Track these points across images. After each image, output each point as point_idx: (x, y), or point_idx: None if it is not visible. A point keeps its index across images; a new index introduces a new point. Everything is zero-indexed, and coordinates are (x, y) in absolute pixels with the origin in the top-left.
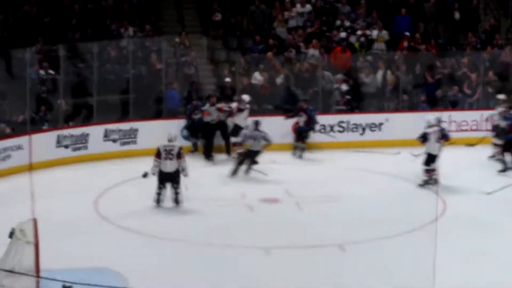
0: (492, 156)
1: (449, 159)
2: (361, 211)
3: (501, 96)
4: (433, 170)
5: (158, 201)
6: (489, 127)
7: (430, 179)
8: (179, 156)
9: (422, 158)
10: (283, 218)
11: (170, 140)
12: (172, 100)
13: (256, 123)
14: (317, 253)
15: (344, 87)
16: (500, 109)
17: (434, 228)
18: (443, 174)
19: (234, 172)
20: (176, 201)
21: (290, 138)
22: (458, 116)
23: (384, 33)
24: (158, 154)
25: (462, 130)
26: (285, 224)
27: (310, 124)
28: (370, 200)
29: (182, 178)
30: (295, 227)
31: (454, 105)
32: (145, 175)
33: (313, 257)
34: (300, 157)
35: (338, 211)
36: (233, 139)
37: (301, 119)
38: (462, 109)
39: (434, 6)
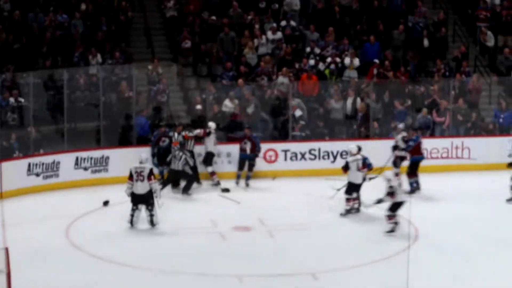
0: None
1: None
2: (333, 239)
3: (401, 125)
4: (355, 199)
5: (132, 222)
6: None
7: (351, 208)
8: (150, 177)
9: (344, 188)
10: (255, 246)
11: (140, 162)
12: (141, 127)
13: None
14: (290, 281)
15: (298, 112)
16: (399, 136)
17: (406, 255)
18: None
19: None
20: (152, 223)
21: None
22: (428, 143)
23: (356, 60)
24: (130, 176)
25: (433, 158)
26: (258, 252)
27: (255, 151)
28: (341, 227)
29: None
30: (268, 255)
31: (426, 128)
32: (105, 203)
33: (286, 285)
34: (247, 185)
35: (310, 239)
36: (209, 169)
37: (247, 146)
38: (433, 136)
39: (403, 33)
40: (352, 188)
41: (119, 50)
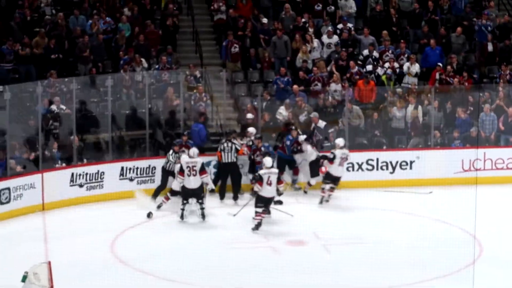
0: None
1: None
2: (392, 254)
3: (340, 141)
4: (264, 212)
5: (182, 216)
6: None
7: (260, 222)
8: (202, 171)
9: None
10: (310, 261)
11: (191, 156)
12: (197, 135)
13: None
14: None
15: (322, 123)
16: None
17: (470, 272)
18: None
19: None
20: (203, 216)
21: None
22: (493, 153)
23: (416, 66)
24: (181, 171)
25: (497, 169)
26: (313, 268)
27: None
28: (401, 242)
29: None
30: (323, 270)
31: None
32: (149, 215)
33: None
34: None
35: (367, 254)
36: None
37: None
38: (497, 146)
39: (461, 36)
40: (262, 201)
41: (165, 54)
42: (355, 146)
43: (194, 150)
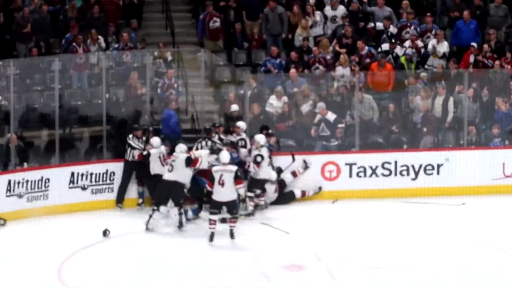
0: None
1: None
2: (413, 282)
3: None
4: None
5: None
6: None
7: (213, 233)
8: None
9: None
10: None
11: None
12: (170, 125)
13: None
14: None
15: (331, 116)
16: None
17: None
18: None
19: None
20: (180, 223)
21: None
22: None
23: (444, 44)
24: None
25: None
26: None
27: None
28: (424, 267)
29: None
30: None
31: None
32: (105, 233)
33: None
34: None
35: (383, 283)
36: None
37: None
38: None
39: (502, 6)
40: (214, 206)
41: (128, 30)
42: (367, 146)
43: (155, 139)
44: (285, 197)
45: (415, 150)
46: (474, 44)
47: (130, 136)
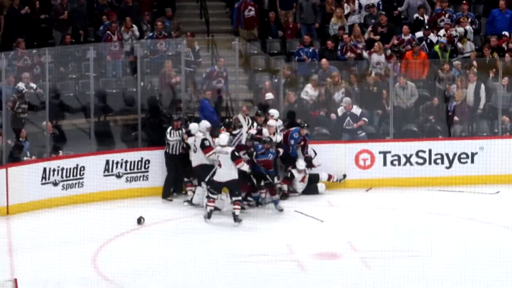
0: None
1: None
2: (449, 270)
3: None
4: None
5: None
6: None
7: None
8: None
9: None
10: (345, 280)
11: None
12: (207, 115)
13: None
14: None
15: (357, 110)
16: None
17: None
18: None
19: None
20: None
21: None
22: None
23: (469, 30)
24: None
25: None
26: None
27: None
28: (460, 256)
29: None
30: None
31: None
32: (140, 221)
33: None
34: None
35: (418, 271)
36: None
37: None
38: None
39: None
40: (213, 187)
41: (162, 19)
42: (401, 134)
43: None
44: (311, 183)
45: (450, 138)
46: (506, 33)
47: (168, 129)
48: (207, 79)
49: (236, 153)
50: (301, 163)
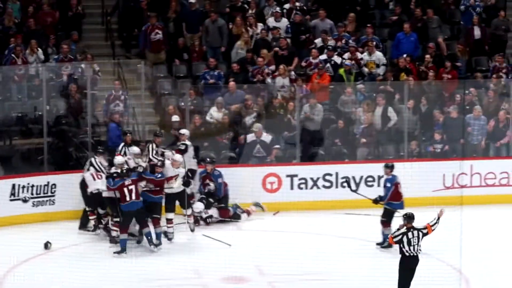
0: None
1: None
2: None
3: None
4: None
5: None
6: None
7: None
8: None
9: None
10: None
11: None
12: (113, 138)
13: None
14: None
15: (267, 137)
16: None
17: None
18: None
19: None
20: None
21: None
22: (482, 166)
23: (378, 54)
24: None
25: (488, 185)
26: None
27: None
28: (366, 277)
29: None
30: None
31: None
32: (46, 246)
33: None
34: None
35: None
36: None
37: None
38: (487, 157)
39: (435, 19)
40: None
41: (68, 42)
42: (308, 158)
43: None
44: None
45: (356, 162)
46: (404, 55)
47: (120, 147)
48: (105, 102)
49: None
50: (197, 206)
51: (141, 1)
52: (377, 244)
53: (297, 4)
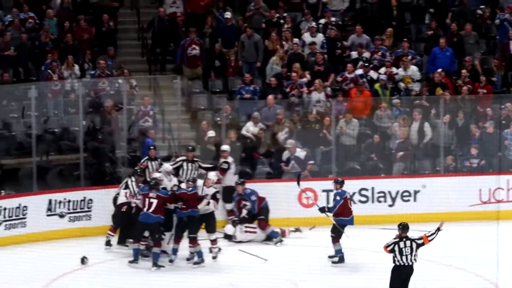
0: None
1: None
2: None
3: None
4: None
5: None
6: None
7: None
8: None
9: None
10: None
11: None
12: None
13: None
14: None
15: (302, 153)
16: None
17: None
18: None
19: None
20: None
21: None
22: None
23: (413, 69)
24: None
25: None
26: None
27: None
28: None
29: None
30: None
31: None
32: (83, 261)
33: None
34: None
35: None
36: (227, 206)
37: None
38: None
39: (473, 34)
40: None
41: (104, 58)
42: (344, 173)
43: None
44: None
45: (392, 176)
46: (439, 70)
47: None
48: (135, 118)
49: None
50: (228, 228)
51: (177, 17)
52: (329, 257)
53: (333, 19)
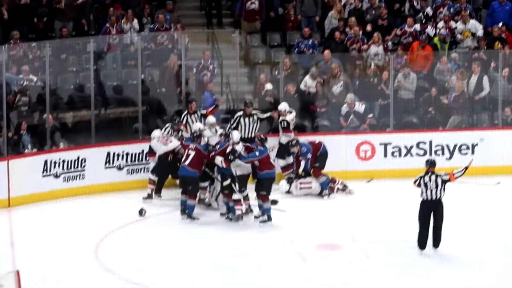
0: None
1: None
2: (452, 258)
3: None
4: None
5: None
6: None
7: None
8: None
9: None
10: (346, 271)
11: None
12: (208, 106)
13: None
14: None
15: (361, 107)
16: None
17: None
18: None
19: None
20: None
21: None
22: None
23: (473, 24)
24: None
25: None
26: (350, 279)
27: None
28: (459, 245)
29: None
30: (364, 282)
31: None
32: (141, 213)
33: None
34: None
35: (417, 262)
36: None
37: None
38: None
39: None
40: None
41: (163, 12)
42: (401, 126)
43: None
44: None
45: (450, 130)
46: (499, 25)
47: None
48: (195, 72)
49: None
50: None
51: None
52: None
53: None
